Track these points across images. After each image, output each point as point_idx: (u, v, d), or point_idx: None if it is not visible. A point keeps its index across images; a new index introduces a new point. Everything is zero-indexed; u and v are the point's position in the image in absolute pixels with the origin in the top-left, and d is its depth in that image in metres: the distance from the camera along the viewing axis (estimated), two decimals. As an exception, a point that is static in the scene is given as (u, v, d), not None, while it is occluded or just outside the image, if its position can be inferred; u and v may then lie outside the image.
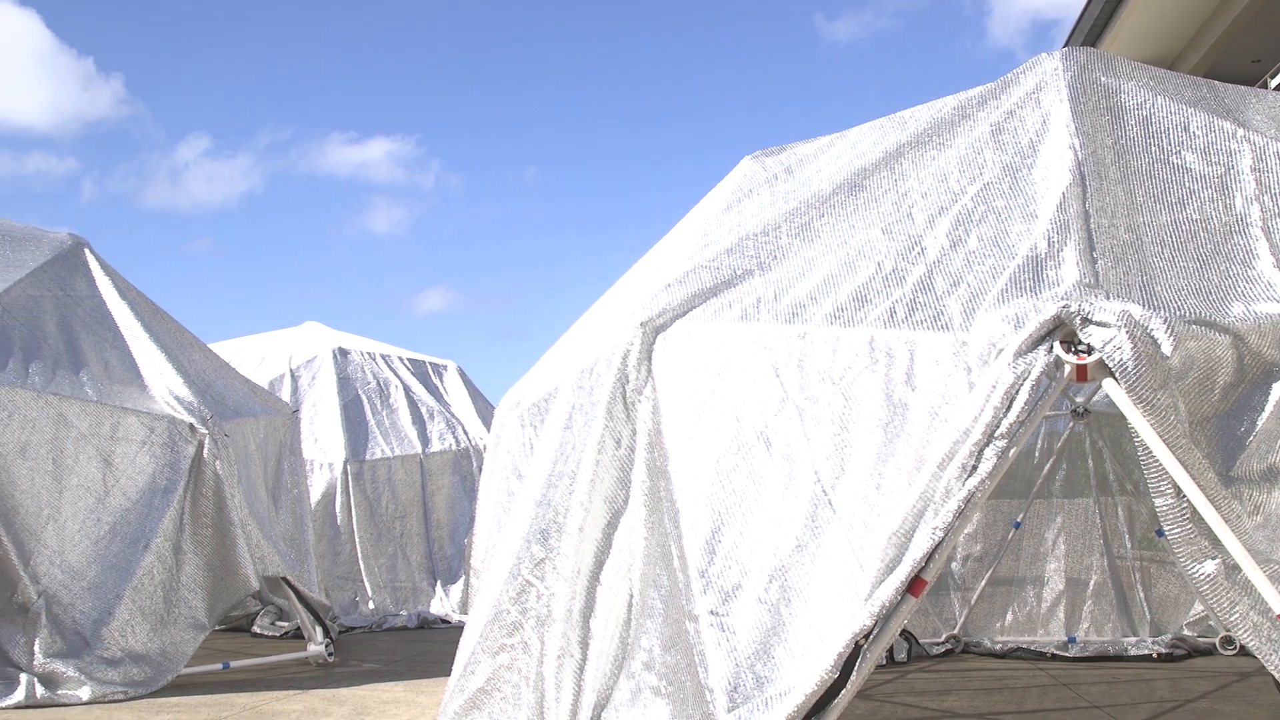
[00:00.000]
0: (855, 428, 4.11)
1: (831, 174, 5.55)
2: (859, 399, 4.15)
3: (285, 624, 12.08)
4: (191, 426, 9.05)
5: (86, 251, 10.55)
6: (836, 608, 3.87)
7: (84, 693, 7.77)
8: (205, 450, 9.00)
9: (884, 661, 9.35)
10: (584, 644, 4.77)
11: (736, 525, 4.24)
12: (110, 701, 7.79)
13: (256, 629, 12.32)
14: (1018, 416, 3.72)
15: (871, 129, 5.88)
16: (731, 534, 4.24)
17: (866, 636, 3.76)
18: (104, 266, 10.48)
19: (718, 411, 4.50)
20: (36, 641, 7.89)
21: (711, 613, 4.13)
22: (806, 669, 3.81)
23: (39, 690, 7.68)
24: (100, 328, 9.75)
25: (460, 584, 14.35)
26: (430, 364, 17.31)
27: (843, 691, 3.78)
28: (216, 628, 9.68)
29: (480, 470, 14.59)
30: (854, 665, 3.78)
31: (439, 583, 14.49)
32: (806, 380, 4.30)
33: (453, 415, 16.12)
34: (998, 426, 3.72)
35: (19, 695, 7.61)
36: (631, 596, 4.68)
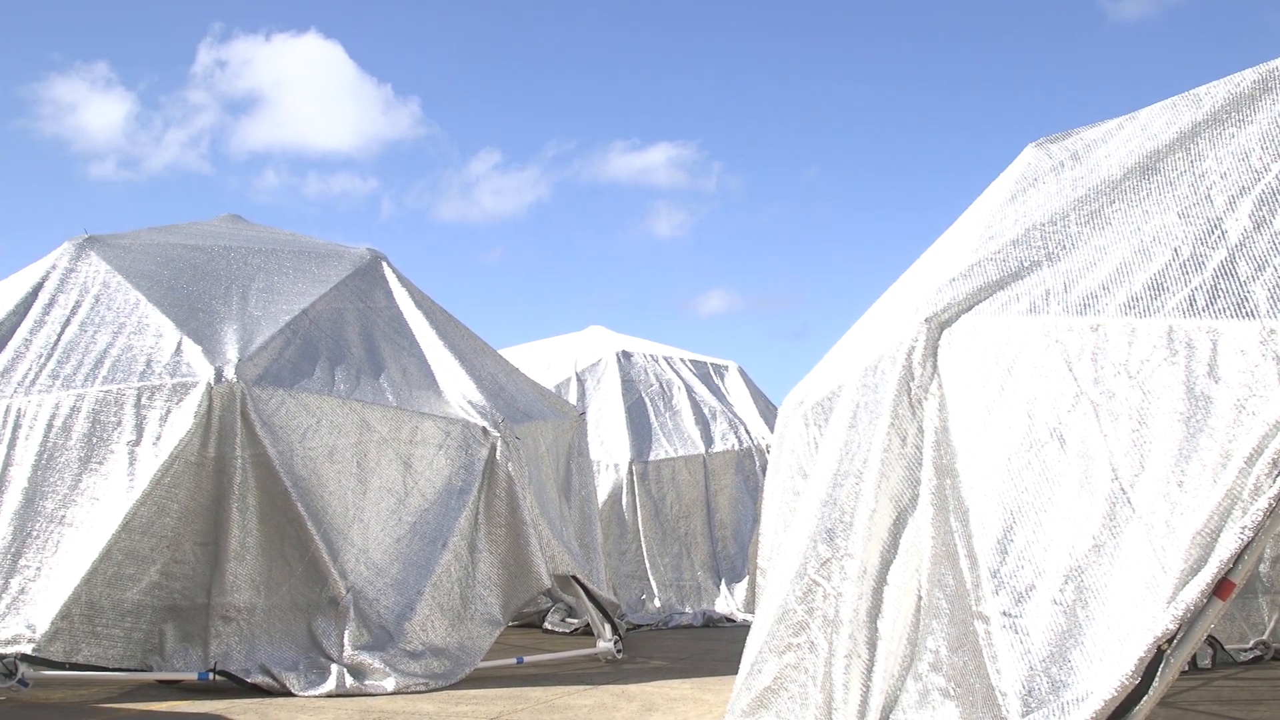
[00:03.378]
0: (1154, 422, 3.93)
1: (1121, 158, 5.32)
2: (1158, 392, 3.96)
3: (575, 621, 12.37)
4: (485, 430, 9.39)
5: (384, 265, 11.13)
6: (1136, 610, 3.71)
7: (389, 684, 8.14)
8: (498, 453, 9.32)
9: (1187, 668, 8.90)
10: (871, 645, 4.72)
11: (1029, 524, 4.12)
12: (413, 693, 8.14)
13: (548, 625, 12.66)
14: (1336, 408, 3.48)
15: (1163, 109, 5.61)
16: (1024, 533, 4.12)
17: (1169, 641, 3.59)
18: (401, 278, 11.02)
19: (1008, 408, 4.38)
20: (345, 634, 8.33)
21: (1004, 614, 4.02)
22: (1105, 674, 3.66)
23: (348, 680, 8.09)
24: (398, 336, 10.24)
25: (744, 583, 14.39)
26: (712, 365, 17.43)
27: (1144, 698, 3.62)
28: (509, 624, 9.98)
29: (763, 470, 14.63)
30: (1156, 671, 3.61)
31: (723, 581, 14.57)
32: (1101, 374, 4.14)
33: (735, 415, 16.19)
34: (1313, 419, 3.49)
35: (330, 684, 8.05)
36: (919, 597, 4.61)
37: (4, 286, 10.12)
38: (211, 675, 7.98)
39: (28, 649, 7.60)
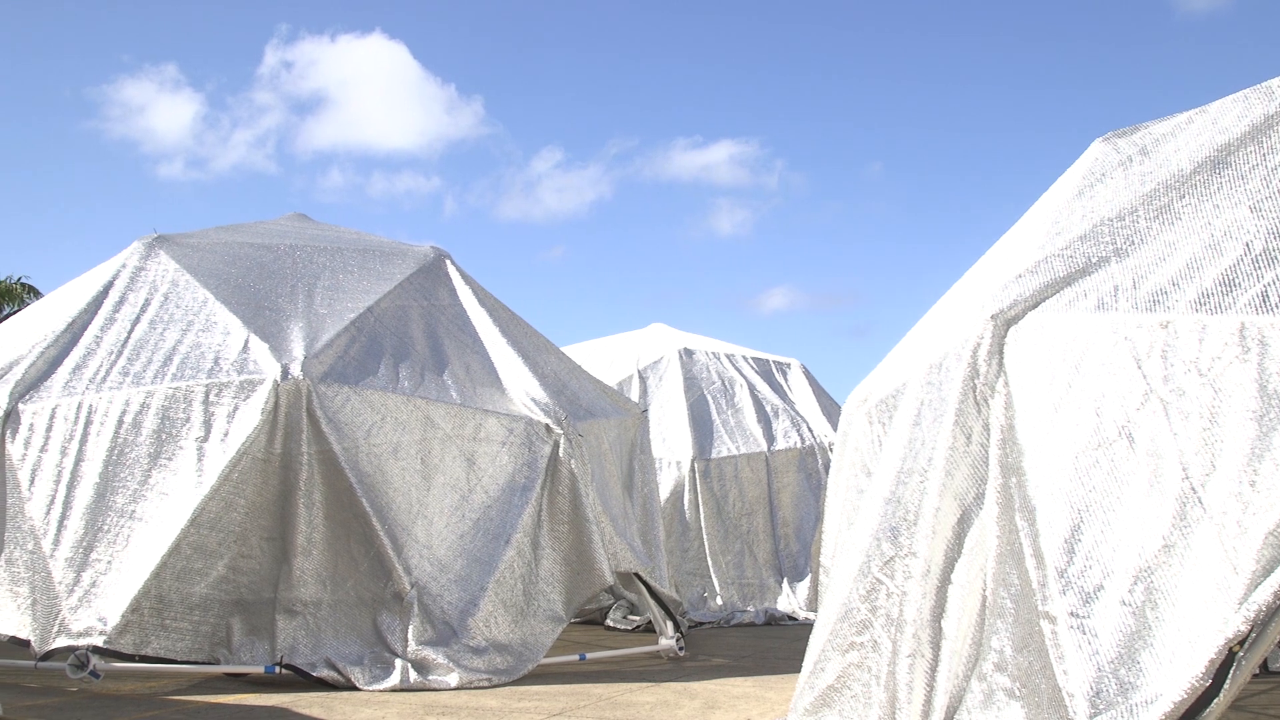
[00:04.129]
0: (1226, 421, 3.87)
1: (1191, 152, 5.23)
2: (1229, 390, 3.90)
3: (637, 618, 12.39)
4: (548, 427, 9.42)
5: (448, 263, 11.20)
6: (1207, 612, 3.65)
7: (452, 679, 8.19)
8: (561, 450, 9.35)
9: (1258, 671, 8.75)
10: (935, 644, 4.69)
11: (1097, 524, 4.07)
12: (476, 688, 8.19)
13: (609, 622, 12.69)
14: None
15: (1235, 102, 5.51)
16: (1092, 533, 4.07)
17: (1241, 643, 3.53)
18: (464, 276, 11.09)
19: (1075, 405, 4.33)
20: (410, 629, 8.39)
21: (1071, 614, 3.97)
22: (1175, 676, 3.61)
23: (412, 675, 8.16)
24: (462, 334, 10.30)
25: (806, 581, 14.34)
26: (774, 362, 17.38)
27: (1215, 701, 3.57)
28: (571, 620, 10.01)
29: (825, 468, 14.57)
30: (1227, 673, 3.55)
31: (785, 580, 14.53)
32: (1171, 371, 4.08)
33: (797, 413, 16.13)
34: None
35: (394, 679, 8.11)
36: (984, 596, 4.57)
37: (76, 285, 10.30)
38: (278, 669, 8.08)
39: (99, 641, 7.74)
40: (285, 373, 8.62)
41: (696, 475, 14.45)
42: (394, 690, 8.02)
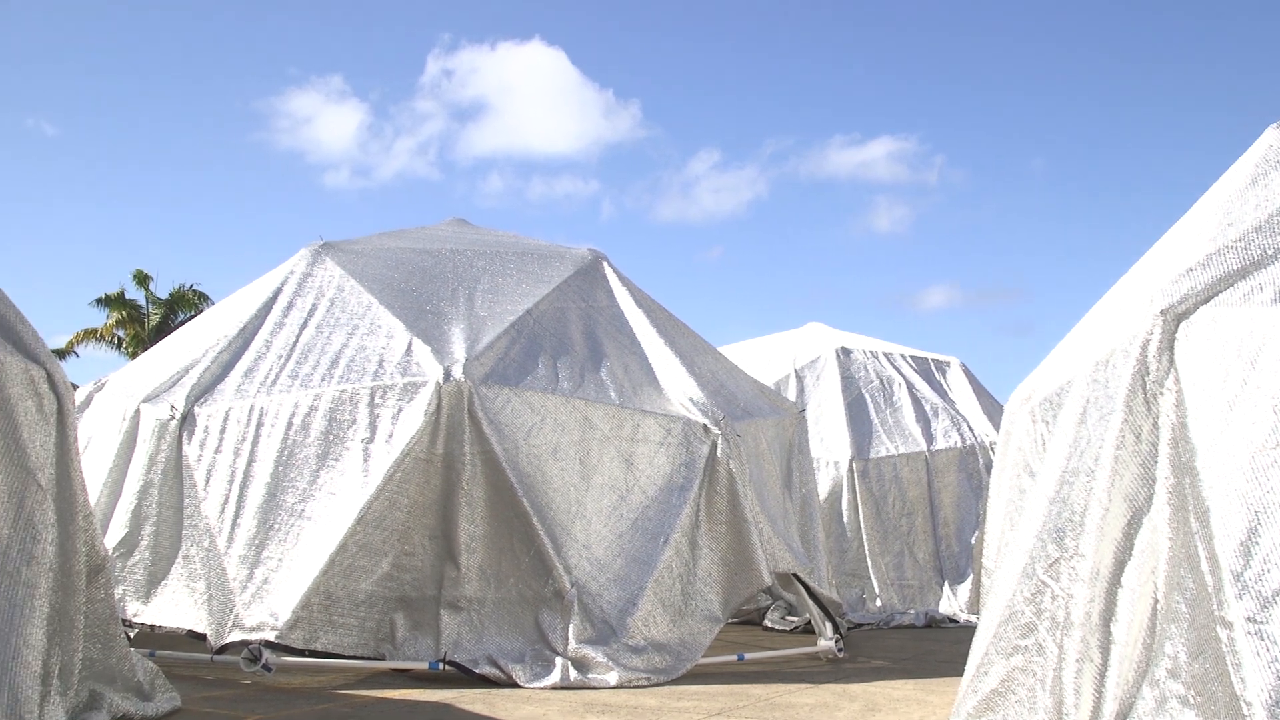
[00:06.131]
0: None
1: (1377, 138, 5.01)
2: None
3: (795, 619, 12.33)
4: (705, 427, 9.43)
5: (605, 264, 11.31)
6: (1397, 618, 3.49)
7: (611, 678, 8.25)
8: (719, 450, 9.36)
9: None
10: (1104, 649, 4.57)
11: (1275, 526, 3.91)
12: (635, 687, 8.23)
13: (767, 623, 12.65)
14: None
15: None
16: (1270, 535, 3.92)
17: None
18: (621, 278, 11.18)
19: (1252, 403, 4.17)
20: (570, 628, 8.48)
21: (1248, 619, 3.83)
22: (1362, 684, 3.46)
23: (572, 673, 8.23)
24: (619, 335, 10.38)
25: (968, 583, 14.12)
26: (933, 360, 17.15)
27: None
28: (729, 621, 10.00)
29: (987, 468, 14.32)
30: None
31: (946, 582, 14.33)
32: (1354, 367, 3.91)
33: (957, 412, 15.89)
34: None
35: (555, 677, 8.19)
36: (1155, 600, 4.43)
37: (246, 292, 10.66)
38: (441, 665, 8.22)
39: (271, 636, 7.98)
40: (447, 375, 8.78)
41: (855, 475, 14.33)
42: (554, 688, 8.10)
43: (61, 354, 46.68)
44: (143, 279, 47.67)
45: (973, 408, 16.11)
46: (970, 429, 15.52)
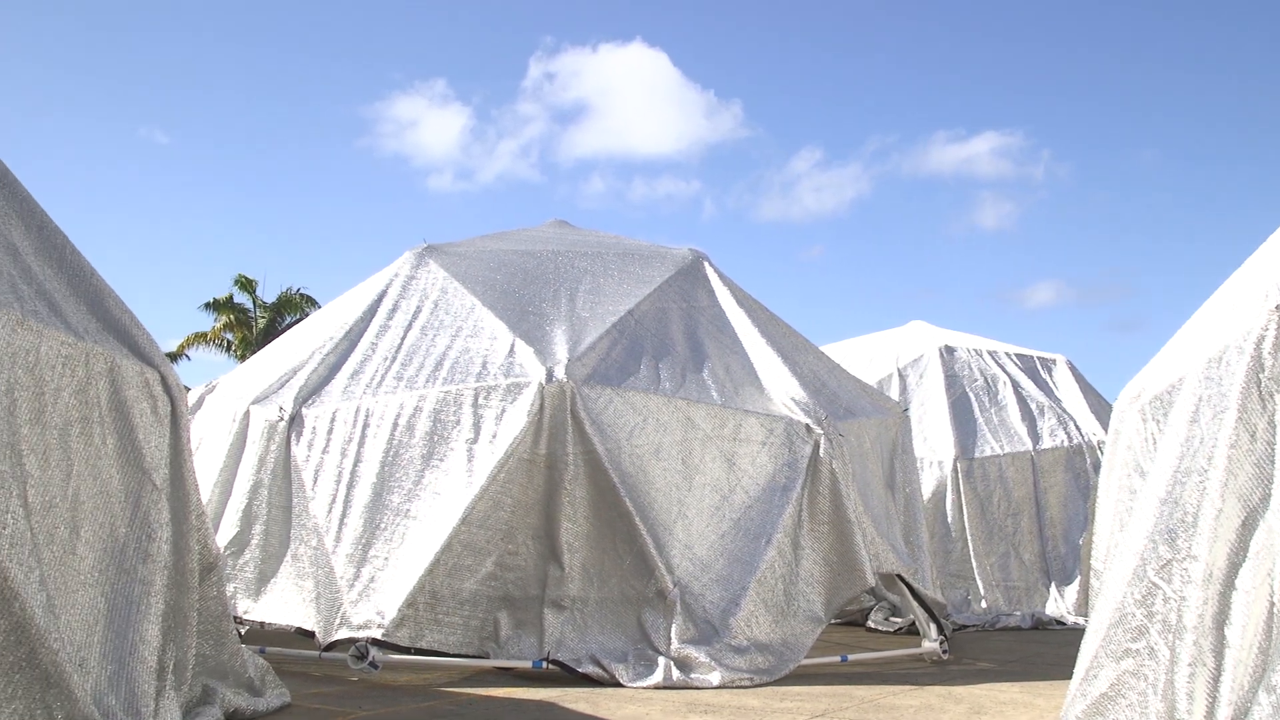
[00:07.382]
0: None
1: None
2: None
3: (899, 620, 12.24)
4: (808, 427, 9.39)
5: (706, 265, 11.32)
6: None
7: (714, 678, 8.24)
8: (821, 449, 9.31)
9: None
10: (1218, 653, 4.48)
11: (1397, 527, 3.81)
12: (737, 687, 8.21)
13: (870, 624, 12.57)
14: None
15: None
16: (1392, 536, 3.82)
17: None
18: (722, 278, 11.18)
19: (1370, 401, 4.07)
20: (673, 628, 8.49)
21: (1369, 623, 3.74)
22: None
23: (675, 673, 8.24)
24: (720, 335, 10.38)
25: (1075, 585, 13.90)
26: (1039, 359, 16.91)
27: None
28: (831, 621, 9.95)
29: (1094, 467, 14.10)
30: None
31: (1053, 583, 14.13)
32: None
33: (1064, 411, 15.64)
34: None
35: (658, 676, 8.21)
36: (1272, 603, 4.34)
37: (352, 295, 10.84)
38: (545, 664, 8.29)
39: (377, 634, 8.10)
40: (550, 375, 8.85)
41: (959, 475, 14.18)
42: (657, 687, 8.12)
43: (173, 357, 47.66)
44: (245, 284, 48.51)
45: (1079, 406, 15.86)
46: (1077, 428, 15.27)
